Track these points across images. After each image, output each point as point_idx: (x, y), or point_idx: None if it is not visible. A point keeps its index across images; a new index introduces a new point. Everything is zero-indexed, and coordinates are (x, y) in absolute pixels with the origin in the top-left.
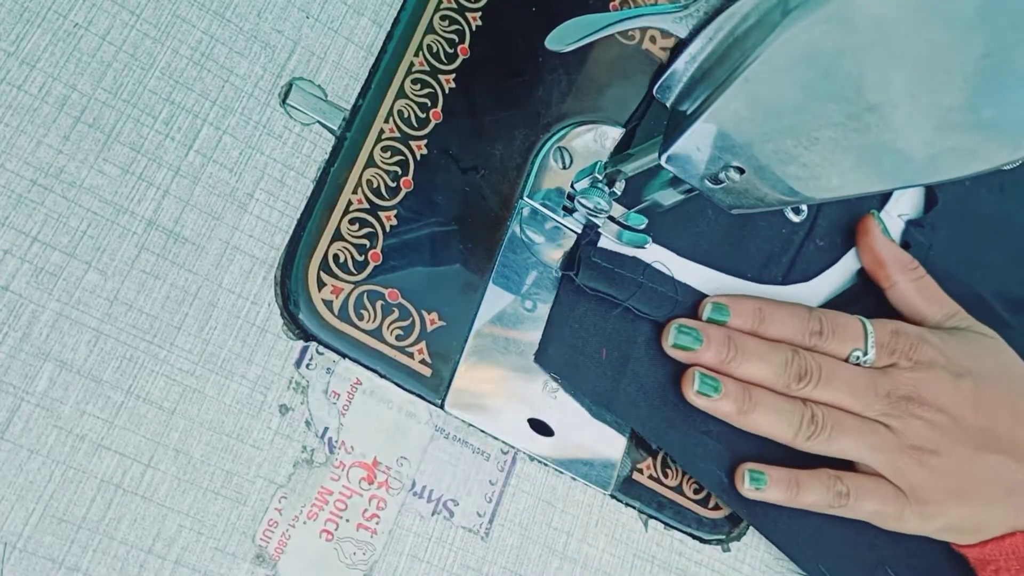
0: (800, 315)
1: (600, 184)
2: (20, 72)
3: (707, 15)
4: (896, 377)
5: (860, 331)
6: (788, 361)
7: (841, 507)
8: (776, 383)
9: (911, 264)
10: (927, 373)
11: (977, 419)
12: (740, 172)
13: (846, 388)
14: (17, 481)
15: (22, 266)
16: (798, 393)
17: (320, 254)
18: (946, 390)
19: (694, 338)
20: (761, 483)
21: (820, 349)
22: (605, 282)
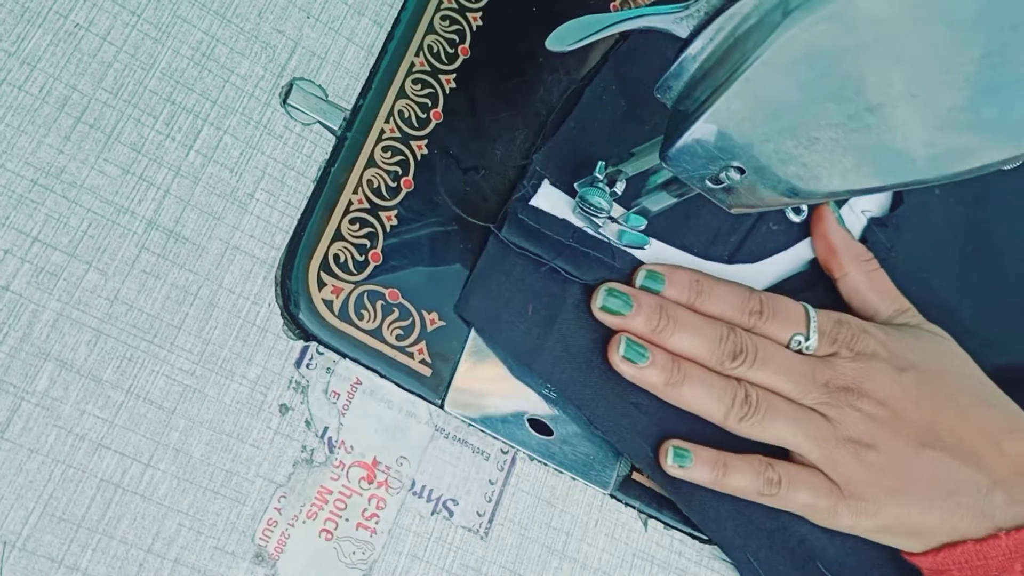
0: (740, 293)
1: (600, 184)
2: (21, 72)
3: (707, 15)
4: (836, 367)
5: (802, 316)
6: (723, 337)
7: (771, 496)
8: (709, 359)
9: (865, 256)
10: (869, 364)
11: (919, 415)
12: (740, 172)
13: (783, 372)
14: (17, 480)
15: (23, 266)
16: (732, 372)
17: (320, 254)
18: (888, 383)
19: (624, 302)
20: (686, 461)
21: (759, 331)
22: (531, 240)
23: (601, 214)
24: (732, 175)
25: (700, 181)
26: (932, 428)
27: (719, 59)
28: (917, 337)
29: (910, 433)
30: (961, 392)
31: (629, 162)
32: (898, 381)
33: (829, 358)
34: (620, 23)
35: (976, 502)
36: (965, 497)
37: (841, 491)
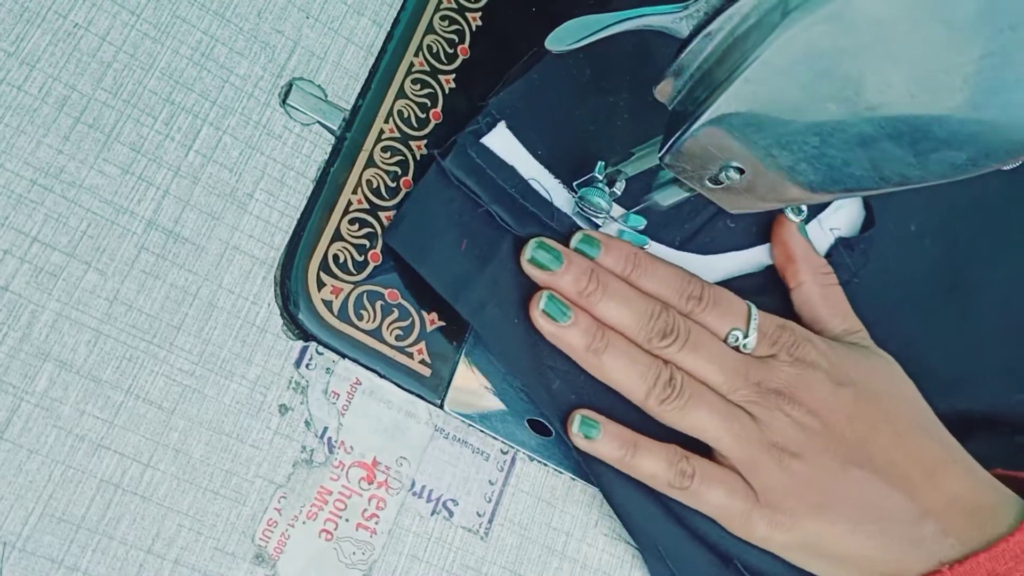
0: (681, 275)
1: (600, 184)
2: (20, 72)
3: (707, 15)
4: (772, 368)
5: (744, 312)
6: (655, 314)
7: (683, 490)
8: (637, 334)
9: (823, 268)
10: (806, 372)
11: (852, 432)
12: (740, 172)
13: (715, 361)
14: (17, 481)
15: (22, 266)
16: (660, 352)
17: (320, 254)
18: (824, 394)
19: (554, 257)
20: (593, 432)
21: (695, 318)
22: (473, 177)
23: (601, 214)
24: (732, 175)
25: (700, 181)
26: (864, 447)
27: (718, 59)
28: (862, 355)
29: (840, 449)
30: (900, 417)
31: (629, 162)
32: (835, 394)
33: (766, 359)
34: (620, 23)
35: (904, 531)
36: (892, 524)
37: (758, 498)
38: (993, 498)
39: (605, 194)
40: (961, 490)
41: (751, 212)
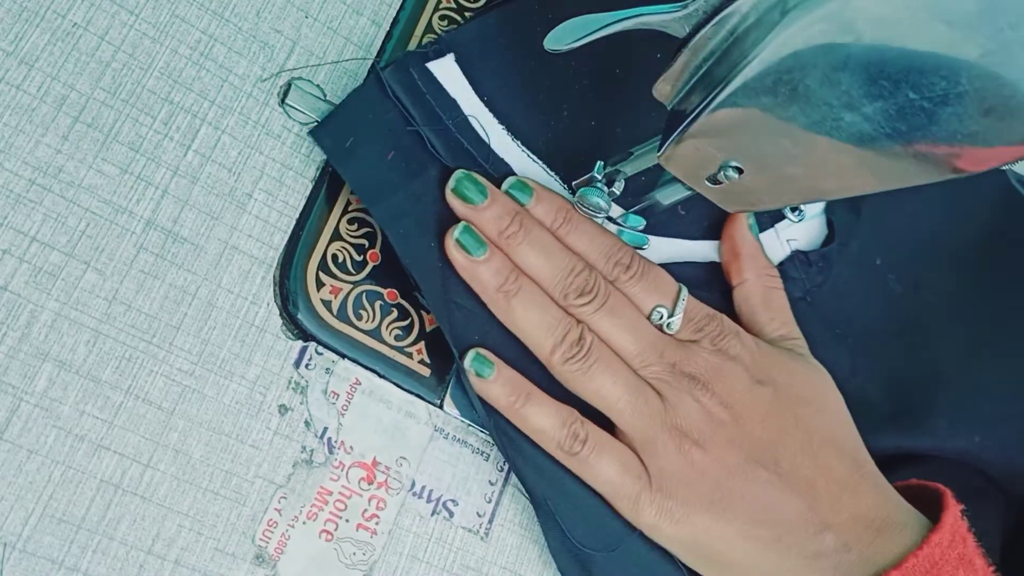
0: (612, 240)
1: (599, 184)
2: (19, 72)
3: (706, 15)
4: (691, 353)
5: (673, 291)
6: (575, 270)
7: (573, 455)
8: (553, 287)
9: (768, 270)
10: (727, 364)
11: (762, 431)
12: (739, 172)
13: (630, 332)
14: (16, 481)
15: (21, 266)
16: (575, 312)
17: (319, 254)
18: (739, 388)
19: (479, 191)
20: (485, 370)
21: (620, 286)
22: (410, 96)
23: (600, 214)
24: (731, 175)
25: (698, 181)
26: (771, 449)
27: (718, 59)
28: (792, 360)
29: (745, 445)
30: (816, 426)
31: (628, 162)
32: (751, 391)
33: (687, 343)
34: (618, 22)
35: (802, 542)
36: (790, 534)
37: (651, 481)
38: (898, 515)
39: (604, 194)
40: (867, 507)
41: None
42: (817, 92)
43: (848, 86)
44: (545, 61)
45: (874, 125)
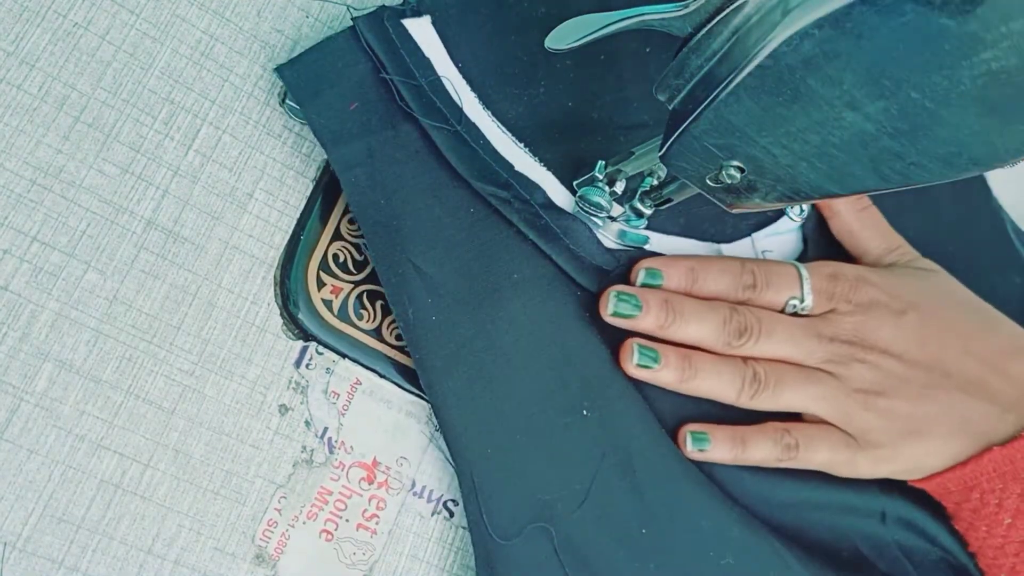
0: (732, 269)
1: (600, 183)
2: (20, 72)
3: (708, 14)
4: (836, 323)
5: (795, 278)
6: (727, 319)
7: (791, 460)
8: (716, 343)
9: None
10: (868, 315)
11: (924, 355)
12: (740, 171)
13: (787, 340)
14: (16, 481)
15: (21, 266)
16: (738, 351)
17: (320, 254)
18: (889, 329)
19: (634, 305)
20: (705, 444)
21: (755, 302)
22: (383, 46)
23: (601, 213)
24: (732, 174)
25: (700, 181)
26: (938, 365)
27: (719, 58)
28: (912, 276)
29: (917, 374)
30: (961, 323)
31: (629, 161)
32: (899, 326)
33: (828, 315)
34: (619, 22)
35: (993, 428)
36: (980, 427)
37: (857, 442)
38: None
39: (605, 193)
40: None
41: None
42: (819, 91)
43: (850, 85)
44: (525, 36)
45: (876, 125)
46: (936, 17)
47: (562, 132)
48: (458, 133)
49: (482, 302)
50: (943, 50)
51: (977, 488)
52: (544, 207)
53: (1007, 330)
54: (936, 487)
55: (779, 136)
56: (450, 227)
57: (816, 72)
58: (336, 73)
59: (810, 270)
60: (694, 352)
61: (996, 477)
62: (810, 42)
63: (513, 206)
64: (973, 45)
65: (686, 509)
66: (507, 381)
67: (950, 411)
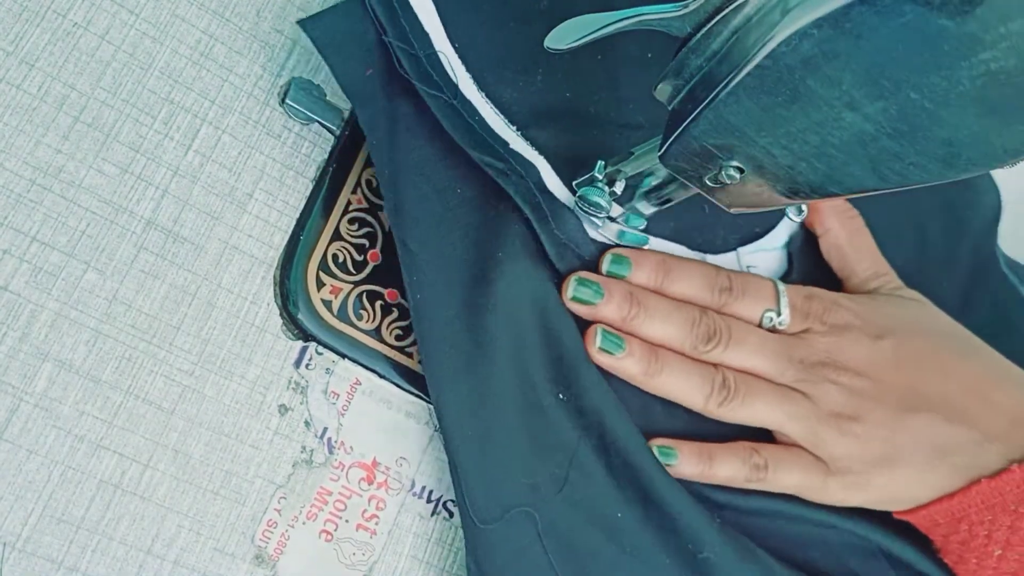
0: (707, 272)
1: (600, 184)
2: (19, 71)
3: (707, 14)
4: (811, 342)
5: (772, 292)
6: (696, 321)
7: (760, 481)
8: (683, 345)
9: (849, 212)
10: (843, 336)
11: (900, 379)
12: (740, 171)
13: (758, 352)
14: (16, 481)
15: (21, 266)
16: (707, 357)
17: (319, 254)
18: (864, 352)
19: (595, 291)
20: (671, 459)
21: (729, 310)
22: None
23: (601, 213)
24: (731, 174)
25: (699, 181)
26: (915, 391)
27: (718, 58)
28: (890, 303)
29: (893, 399)
30: (941, 350)
31: (628, 162)
32: (875, 349)
33: (803, 334)
34: (619, 21)
35: (972, 460)
36: (960, 457)
37: (828, 467)
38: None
39: (604, 193)
40: (1017, 405)
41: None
42: (818, 92)
43: (849, 86)
44: (525, 26)
45: (875, 125)
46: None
47: (556, 121)
48: (454, 106)
49: (465, 283)
50: (942, 51)
51: (966, 520)
52: (537, 187)
53: (991, 358)
54: (923, 519)
55: (778, 136)
56: (437, 206)
57: (815, 72)
58: (351, 37)
59: (786, 287)
60: (663, 349)
61: (985, 509)
62: (809, 42)
63: (511, 179)
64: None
65: (660, 499)
66: (489, 362)
67: (926, 438)
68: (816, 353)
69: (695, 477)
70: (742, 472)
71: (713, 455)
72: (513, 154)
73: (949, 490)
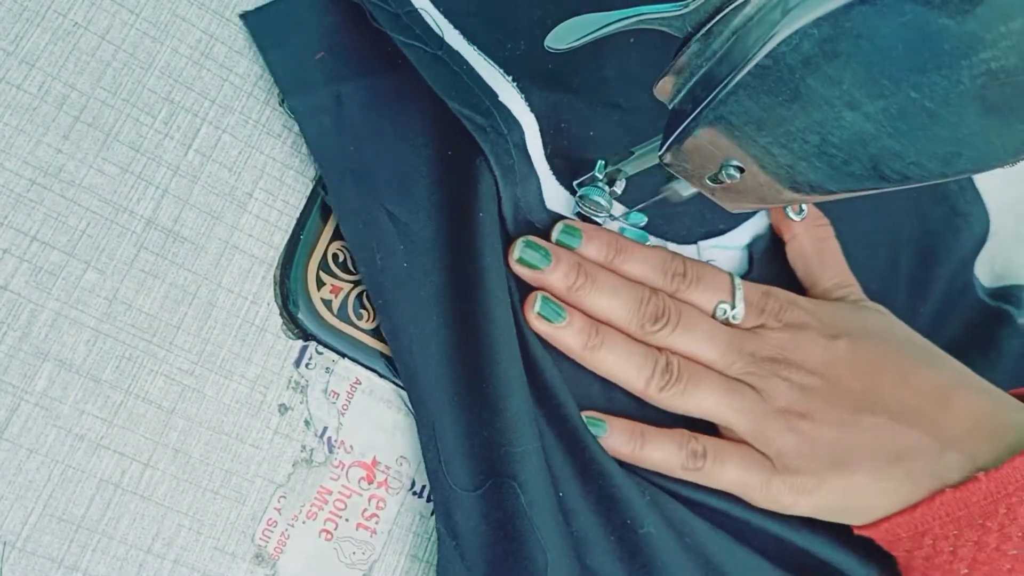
0: (661, 255)
1: (600, 183)
2: (19, 71)
3: (707, 14)
4: (764, 337)
5: (727, 284)
6: (644, 299)
7: (697, 470)
8: (629, 323)
9: (819, 221)
10: (797, 335)
11: (854, 380)
12: (740, 171)
13: (708, 339)
14: (16, 480)
15: (21, 265)
16: (653, 339)
17: (319, 253)
18: (818, 351)
19: (542, 256)
20: (601, 430)
21: (681, 296)
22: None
23: (601, 213)
24: (732, 174)
25: (699, 180)
26: (870, 393)
27: (719, 58)
28: (849, 308)
29: (846, 400)
30: (900, 355)
31: (629, 161)
32: (830, 348)
33: (756, 329)
34: (620, 21)
35: (928, 466)
36: (914, 462)
37: (774, 465)
38: (1015, 415)
39: (605, 193)
40: (979, 413)
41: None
42: (818, 91)
43: (849, 85)
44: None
45: (876, 124)
46: (935, 17)
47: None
48: (439, 57)
49: (454, 250)
50: (942, 50)
51: (929, 534)
52: (515, 146)
53: (951, 366)
54: (885, 533)
55: (779, 136)
56: (425, 175)
57: (816, 72)
58: (303, 23)
59: (743, 282)
60: (605, 324)
61: (950, 522)
62: (810, 42)
63: (488, 135)
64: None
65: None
66: (476, 330)
67: (880, 441)
68: (768, 348)
69: (626, 456)
70: (678, 458)
71: (647, 435)
72: (500, 107)
73: (909, 500)
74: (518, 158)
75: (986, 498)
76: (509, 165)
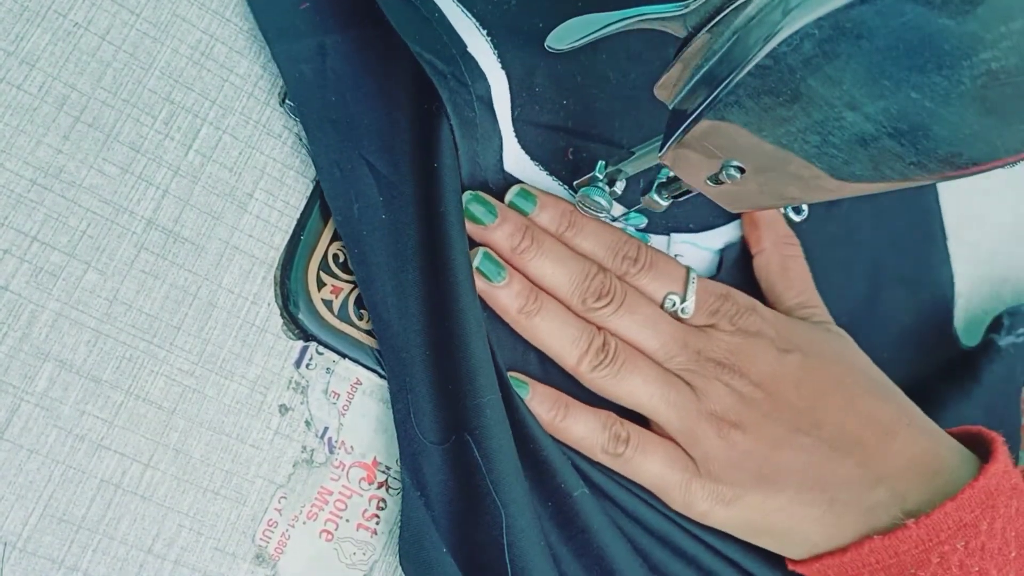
0: (617, 235)
1: (601, 184)
2: (20, 71)
3: (708, 14)
4: (713, 338)
5: (682, 276)
6: (590, 274)
7: (617, 456)
8: (571, 295)
9: (788, 238)
10: (749, 341)
11: (798, 399)
12: (741, 172)
13: (650, 327)
14: (17, 481)
15: (21, 266)
16: (594, 316)
17: (320, 254)
18: (767, 363)
19: (488, 211)
20: (524, 391)
21: (631, 280)
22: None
23: (602, 213)
24: (732, 174)
25: (700, 181)
26: (811, 414)
27: (719, 58)
28: (812, 328)
29: (785, 416)
30: (851, 382)
31: (629, 161)
32: (779, 361)
33: (706, 328)
34: (620, 21)
35: (854, 499)
36: (840, 492)
37: (698, 468)
38: (950, 457)
39: (605, 193)
40: (917, 452)
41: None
42: (819, 91)
43: (850, 86)
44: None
45: (876, 125)
46: (936, 17)
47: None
48: (410, 1)
49: (435, 204)
50: (943, 50)
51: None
52: (479, 100)
53: (902, 403)
54: (816, 573)
55: (779, 136)
56: (406, 130)
57: (816, 72)
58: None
59: (701, 279)
60: (547, 294)
61: (880, 570)
62: (810, 42)
63: (448, 82)
64: (973, 45)
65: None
66: (452, 282)
67: (811, 464)
68: (715, 350)
69: (546, 424)
70: (599, 438)
71: (571, 406)
72: (467, 59)
73: (833, 533)
74: (480, 112)
75: (917, 546)
76: (470, 119)
